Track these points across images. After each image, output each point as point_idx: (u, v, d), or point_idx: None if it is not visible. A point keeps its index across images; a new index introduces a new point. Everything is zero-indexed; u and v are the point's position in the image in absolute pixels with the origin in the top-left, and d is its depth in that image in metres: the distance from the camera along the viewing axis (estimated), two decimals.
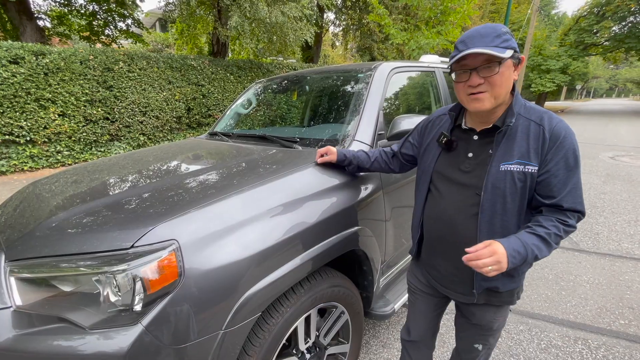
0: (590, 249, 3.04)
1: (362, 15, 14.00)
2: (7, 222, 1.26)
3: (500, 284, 1.00)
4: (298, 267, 1.12)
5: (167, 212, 1.00)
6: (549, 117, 0.91)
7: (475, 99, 0.90)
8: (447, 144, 1.04)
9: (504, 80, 0.88)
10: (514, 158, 0.90)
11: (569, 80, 21.91)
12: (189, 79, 7.36)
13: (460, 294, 1.08)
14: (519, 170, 0.90)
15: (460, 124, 1.04)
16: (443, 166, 1.06)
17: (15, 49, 5.19)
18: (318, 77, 2.27)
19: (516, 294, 1.05)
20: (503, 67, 0.86)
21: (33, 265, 0.96)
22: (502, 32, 0.87)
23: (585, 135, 10.49)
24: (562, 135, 0.88)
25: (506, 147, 0.92)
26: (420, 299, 1.25)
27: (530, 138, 0.90)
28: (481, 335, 1.14)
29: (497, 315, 1.09)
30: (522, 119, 0.92)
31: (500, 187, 0.91)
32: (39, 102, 5.48)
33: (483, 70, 0.88)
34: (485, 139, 0.97)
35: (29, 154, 5.53)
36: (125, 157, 1.89)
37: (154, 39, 18.26)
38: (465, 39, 0.89)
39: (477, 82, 0.88)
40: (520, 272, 1.02)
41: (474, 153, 0.99)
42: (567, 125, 0.90)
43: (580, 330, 2.00)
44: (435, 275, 1.15)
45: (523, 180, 0.90)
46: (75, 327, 0.87)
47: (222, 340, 0.95)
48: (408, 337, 1.31)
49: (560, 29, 23.78)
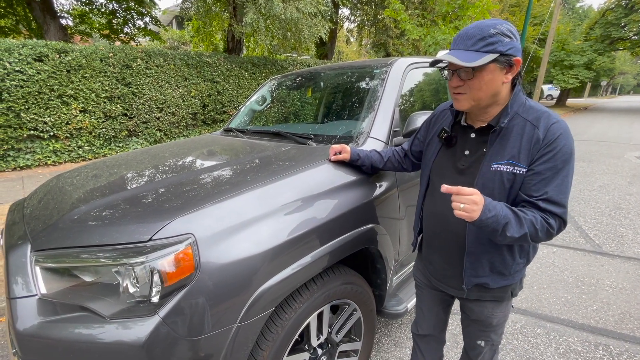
0: (614, 252, 2.92)
1: (377, 10, 13.81)
2: (32, 214, 1.31)
3: (490, 281, 1.00)
4: (311, 264, 1.12)
5: (184, 207, 1.01)
6: (547, 117, 0.89)
7: (455, 99, 0.94)
8: (447, 140, 1.05)
9: (484, 84, 0.87)
10: (505, 158, 0.90)
11: (594, 77, 20.98)
12: (205, 75, 7.45)
13: (453, 288, 1.10)
14: (508, 171, 0.89)
15: (460, 120, 1.05)
16: (441, 161, 1.07)
17: (39, 46, 5.38)
18: (333, 74, 2.26)
19: (511, 291, 1.04)
20: (484, 72, 0.86)
21: (56, 256, 1.00)
22: (490, 34, 0.84)
23: (609, 134, 10.07)
24: (556, 135, 0.86)
25: (499, 146, 0.91)
26: (425, 294, 1.26)
27: (524, 139, 0.88)
28: (482, 331, 1.13)
29: (496, 311, 1.07)
30: (519, 119, 0.90)
31: (489, 187, 0.91)
32: (61, 98, 5.67)
33: (462, 73, 0.89)
34: (481, 137, 0.97)
35: (52, 148, 5.74)
36: (143, 152, 1.93)
37: (170, 36, 18.57)
38: (455, 38, 0.90)
39: (456, 84, 0.91)
40: (513, 271, 1.00)
41: (470, 150, 0.99)
42: (565, 127, 0.87)
43: (602, 336, 1.92)
44: (430, 270, 1.17)
45: (511, 181, 0.89)
46: (96, 316, 0.90)
47: (236, 334, 0.96)
48: (417, 332, 1.32)
49: (586, 23, 22.81)
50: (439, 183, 1.03)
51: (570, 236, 3.24)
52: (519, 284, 1.06)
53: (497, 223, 0.82)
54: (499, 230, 0.83)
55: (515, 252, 0.98)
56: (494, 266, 0.99)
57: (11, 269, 1.03)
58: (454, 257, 1.05)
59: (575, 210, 3.93)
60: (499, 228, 0.83)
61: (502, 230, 0.83)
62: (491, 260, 0.98)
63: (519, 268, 1.01)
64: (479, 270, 1.00)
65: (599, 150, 7.52)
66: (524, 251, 0.99)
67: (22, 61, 5.20)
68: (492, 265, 0.99)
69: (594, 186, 4.84)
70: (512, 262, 0.98)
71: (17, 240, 1.15)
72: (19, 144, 5.41)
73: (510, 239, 0.85)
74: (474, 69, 0.86)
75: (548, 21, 14.76)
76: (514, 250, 0.98)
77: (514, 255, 0.98)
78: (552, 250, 2.97)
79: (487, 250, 0.97)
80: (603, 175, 5.45)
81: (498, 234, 0.84)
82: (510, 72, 0.88)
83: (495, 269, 0.99)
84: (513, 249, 0.97)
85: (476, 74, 0.86)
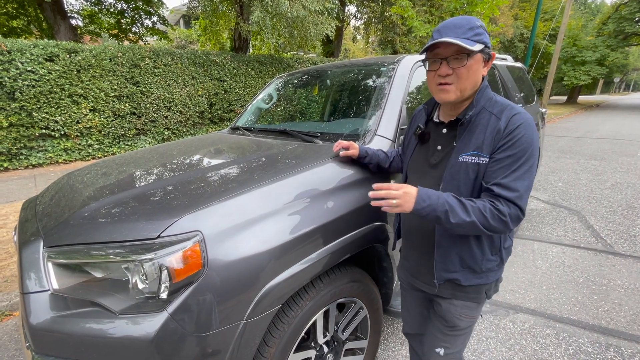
0: (626, 252, 2.86)
1: (384, 7, 13.69)
2: (44, 211, 1.34)
3: (461, 277, 1.00)
4: (318, 262, 1.12)
5: (192, 205, 1.02)
6: (510, 109, 0.91)
7: (442, 89, 0.92)
8: (421, 136, 1.07)
9: (471, 73, 0.89)
10: (470, 149, 0.91)
11: (606, 73, 20.53)
12: (212, 74, 7.50)
13: (425, 284, 1.10)
14: (472, 162, 0.91)
15: (433, 117, 1.06)
16: (417, 158, 1.09)
17: (50, 47, 5.47)
18: (339, 71, 2.25)
19: (485, 292, 1.04)
20: (472, 60, 0.88)
21: (68, 252, 1.02)
22: (476, 25, 0.88)
23: (622, 132, 9.84)
24: (516, 125, 0.87)
25: (467, 139, 0.93)
26: (408, 294, 1.25)
27: (487, 130, 0.90)
28: (444, 334, 1.09)
29: (465, 312, 1.05)
30: (485, 113, 0.92)
31: (456, 179, 0.93)
32: (72, 97, 5.77)
33: (453, 61, 0.89)
34: (451, 132, 0.99)
35: (63, 147, 5.85)
36: (151, 150, 1.95)
37: (178, 35, 18.71)
38: (441, 28, 0.90)
39: (445, 72, 0.90)
40: (485, 268, 0.99)
41: (442, 145, 1.01)
42: (528, 117, 0.89)
43: (613, 337, 1.89)
44: (406, 266, 1.18)
45: (476, 172, 0.91)
46: (106, 311, 0.91)
47: (243, 331, 0.97)
48: (407, 331, 1.33)
49: (598, 18, 22.32)
50: (416, 179, 1.07)
51: (581, 235, 3.19)
52: (494, 286, 1.05)
53: (434, 211, 0.84)
54: (442, 218, 0.85)
55: (484, 246, 0.97)
56: (463, 260, 0.99)
57: (24, 264, 1.05)
58: (426, 251, 1.05)
59: (587, 209, 3.86)
60: (440, 215, 0.84)
61: (446, 218, 0.84)
62: (460, 253, 0.98)
63: (491, 266, 1.00)
64: (449, 264, 1.00)
65: (611, 148, 7.36)
66: (494, 247, 0.99)
67: (33, 61, 5.30)
68: (461, 260, 0.99)
69: (606, 185, 4.75)
70: (481, 256, 0.98)
71: (30, 236, 1.17)
72: (31, 142, 5.53)
73: (459, 227, 0.85)
74: (469, 54, 0.87)
75: (559, 16, 14.48)
76: (483, 244, 0.97)
77: (483, 249, 0.97)
78: (562, 249, 2.93)
79: (455, 243, 0.98)
80: (615, 173, 5.34)
81: (442, 221, 0.85)
82: (487, 65, 0.93)
83: (465, 264, 0.99)
84: (482, 242, 0.97)
85: (468, 62, 0.88)
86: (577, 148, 7.52)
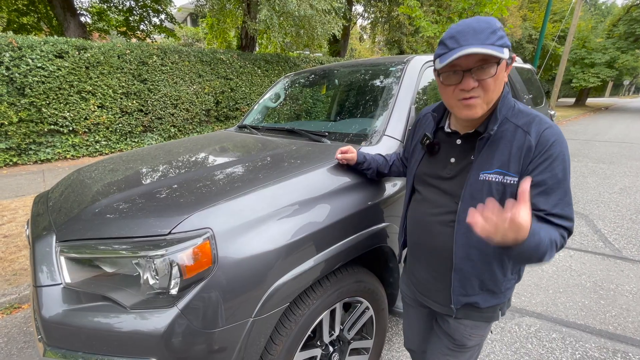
0: (635, 257, 2.83)
1: (391, 7, 13.66)
2: (55, 206, 1.36)
3: (480, 300, 0.91)
4: (325, 261, 1.12)
5: (202, 202, 1.03)
6: (539, 121, 0.80)
7: (467, 105, 0.80)
8: (429, 147, 0.97)
9: (498, 83, 0.79)
10: (493, 167, 0.81)
11: (616, 75, 20.26)
12: (218, 72, 7.53)
13: (438, 304, 1.00)
14: (497, 181, 0.80)
15: (443, 126, 0.96)
16: (426, 169, 0.98)
17: (60, 43, 5.53)
18: (347, 71, 2.25)
19: (499, 309, 0.96)
20: (499, 69, 0.77)
21: (79, 247, 1.03)
22: (497, 27, 0.75)
23: (632, 136, 9.71)
24: (550, 142, 0.77)
25: (488, 154, 0.83)
26: (412, 310, 1.17)
27: (514, 146, 0.80)
28: (451, 350, 1.02)
29: (475, 331, 0.97)
30: (508, 124, 0.82)
31: (478, 198, 0.81)
32: (80, 94, 5.82)
33: (477, 72, 0.76)
34: (468, 144, 0.89)
35: (71, 143, 5.91)
36: (158, 148, 1.97)
37: (185, 33, 18.81)
38: (456, 34, 0.76)
39: (471, 86, 0.77)
40: (504, 289, 0.91)
41: (457, 158, 0.91)
42: (558, 132, 0.79)
43: (620, 343, 1.87)
44: (414, 282, 1.08)
45: (501, 192, 0.80)
46: (117, 305, 0.92)
47: (251, 328, 0.98)
48: (411, 348, 1.25)
49: (609, 20, 22.03)
50: (425, 191, 0.98)
51: (589, 240, 3.15)
52: (508, 302, 0.97)
53: (539, 248, 0.69)
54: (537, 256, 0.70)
55: (507, 268, 0.89)
56: (484, 284, 0.90)
57: (37, 258, 1.07)
58: (440, 271, 0.96)
59: (594, 213, 3.81)
60: (539, 256, 0.70)
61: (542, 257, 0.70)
62: (480, 277, 0.89)
63: (510, 285, 0.93)
64: (468, 288, 0.91)
65: (619, 152, 7.27)
66: (516, 267, 0.91)
67: (43, 58, 5.36)
68: (481, 283, 0.90)
69: (614, 189, 4.69)
70: (502, 278, 0.90)
71: (42, 230, 1.19)
72: (40, 138, 5.59)
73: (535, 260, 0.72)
74: (498, 63, 0.76)
75: (569, 18, 14.31)
76: (506, 266, 0.88)
77: (506, 271, 0.89)
78: (569, 253, 2.90)
79: (476, 267, 0.88)
80: (624, 177, 5.27)
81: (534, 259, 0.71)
82: (507, 70, 0.81)
83: (485, 287, 0.90)
84: (505, 264, 0.88)
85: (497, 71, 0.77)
86: (585, 151, 7.44)
